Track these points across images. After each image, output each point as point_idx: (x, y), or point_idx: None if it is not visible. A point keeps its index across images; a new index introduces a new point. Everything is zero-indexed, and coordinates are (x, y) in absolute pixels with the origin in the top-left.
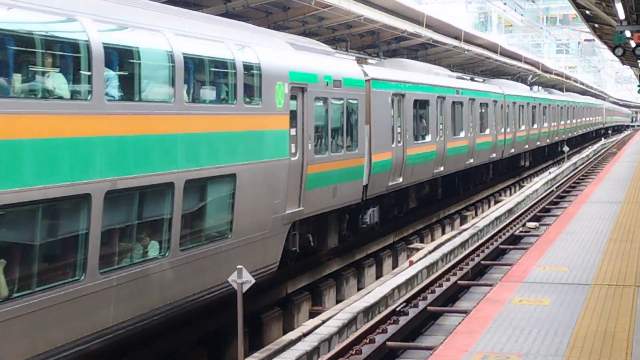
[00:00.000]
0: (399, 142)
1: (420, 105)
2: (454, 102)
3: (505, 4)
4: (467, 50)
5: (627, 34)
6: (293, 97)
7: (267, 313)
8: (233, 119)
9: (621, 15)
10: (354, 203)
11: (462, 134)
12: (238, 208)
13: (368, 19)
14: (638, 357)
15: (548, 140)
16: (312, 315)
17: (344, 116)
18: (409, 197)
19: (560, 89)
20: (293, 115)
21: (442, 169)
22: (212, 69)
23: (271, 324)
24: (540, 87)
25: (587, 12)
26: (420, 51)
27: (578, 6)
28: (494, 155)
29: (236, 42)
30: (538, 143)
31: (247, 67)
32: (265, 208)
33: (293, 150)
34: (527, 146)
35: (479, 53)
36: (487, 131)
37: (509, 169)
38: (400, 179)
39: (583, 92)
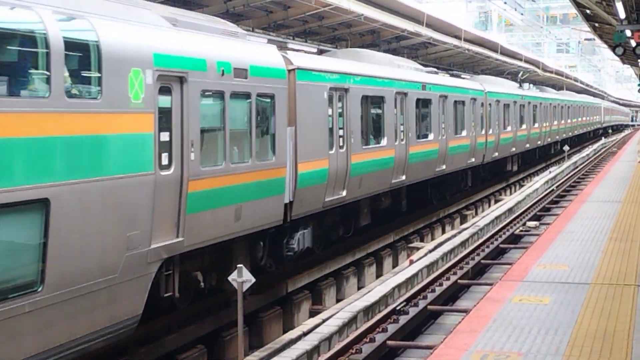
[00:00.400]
0: (341, 147)
1: (372, 102)
2: (419, 100)
3: (505, 3)
4: (468, 50)
5: (628, 33)
6: (165, 90)
7: (267, 312)
8: (44, 119)
9: (621, 14)
10: (271, 226)
11: (431, 137)
12: (55, 247)
13: (368, 18)
14: (638, 357)
15: (539, 142)
16: (312, 314)
17: (253, 115)
18: (359, 213)
19: (560, 88)
20: (165, 114)
21: (403, 178)
22: (2, 46)
23: (271, 323)
24: (531, 85)
25: (588, 11)
26: (421, 50)
27: (578, 5)
28: (473, 160)
29: (56, 9)
30: (527, 145)
31: (74, 46)
32: (110, 244)
33: (165, 162)
34: (514, 149)
35: (479, 52)
36: (464, 133)
37: (493, 175)
38: (344, 193)
39: (582, 91)
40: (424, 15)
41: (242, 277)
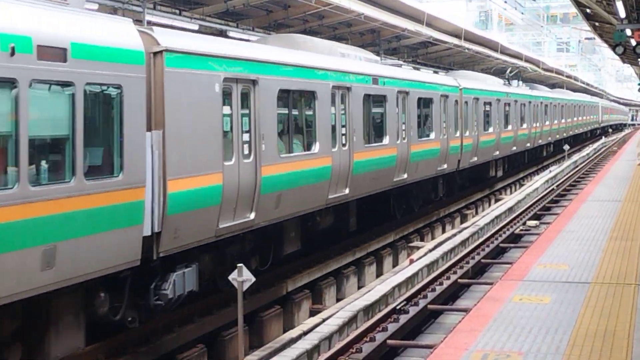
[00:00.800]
0: (247, 157)
1: (297, 98)
2: (368, 96)
3: (505, 2)
4: (468, 49)
5: (628, 32)
6: None
7: (267, 311)
8: None
9: (622, 13)
10: (117, 270)
11: (386, 141)
12: None
13: (368, 17)
14: (638, 356)
15: (528, 145)
16: (313, 313)
17: (79, 115)
18: (281, 239)
19: (560, 87)
20: None
21: (346, 191)
22: None
23: (271, 323)
24: (521, 82)
25: (588, 10)
26: (421, 50)
27: (579, 5)
28: (445, 166)
29: None
30: (514, 148)
31: None
32: None
33: None
34: (497, 153)
35: (479, 51)
36: (432, 135)
37: (472, 182)
38: (251, 215)
39: (582, 90)
40: (424, 14)
41: (242, 277)
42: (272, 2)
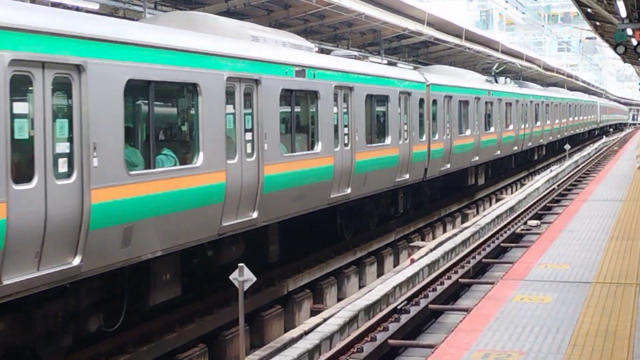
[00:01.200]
0: (66, 176)
1: (163, 94)
2: (289, 92)
3: (506, 1)
4: (469, 49)
5: (629, 32)
6: None
7: (268, 311)
8: None
9: (623, 13)
10: None
11: (318, 148)
12: None
13: (369, 17)
14: (639, 356)
15: (516, 148)
16: (313, 313)
17: None
18: (148, 285)
19: (561, 86)
20: None
21: (254, 215)
22: None
23: (272, 322)
24: (509, 79)
25: (589, 10)
26: (422, 49)
27: (579, 4)
28: (407, 177)
29: None
30: (498, 153)
31: None
32: None
33: None
34: (477, 158)
35: (480, 51)
36: (388, 140)
37: (445, 193)
38: (75, 261)
39: (582, 89)
40: (425, 14)
41: (243, 276)
42: (273, 1)
